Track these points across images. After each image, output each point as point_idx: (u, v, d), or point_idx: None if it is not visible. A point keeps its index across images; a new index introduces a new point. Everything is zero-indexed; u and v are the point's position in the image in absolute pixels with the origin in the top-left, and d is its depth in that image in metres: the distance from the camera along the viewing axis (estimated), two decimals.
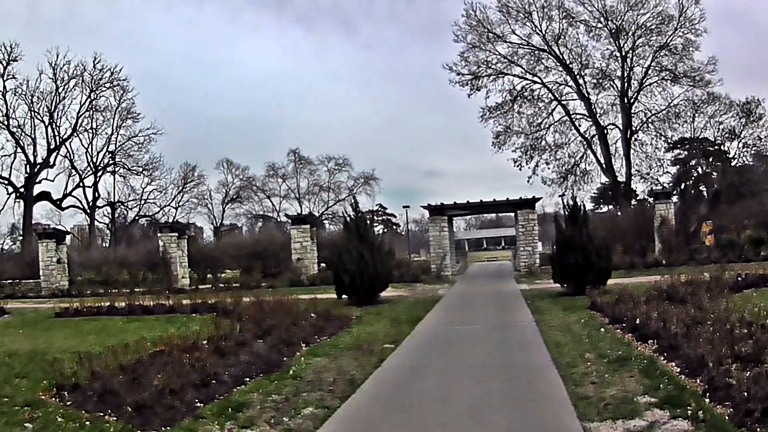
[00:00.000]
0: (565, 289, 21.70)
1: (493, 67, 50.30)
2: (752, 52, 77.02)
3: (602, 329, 13.67)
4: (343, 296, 22.24)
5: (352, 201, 23.80)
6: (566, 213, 21.58)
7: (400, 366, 11.37)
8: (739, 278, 19.31)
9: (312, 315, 16.78)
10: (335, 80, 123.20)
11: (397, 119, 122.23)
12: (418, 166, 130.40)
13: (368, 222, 22.76)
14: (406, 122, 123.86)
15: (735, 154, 51.02)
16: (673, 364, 9.54)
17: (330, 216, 68.91)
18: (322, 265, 36.48)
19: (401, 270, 33.47)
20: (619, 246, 33.71)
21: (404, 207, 62.43)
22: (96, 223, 62.85)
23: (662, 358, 10.15)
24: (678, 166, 55.77)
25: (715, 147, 53.86)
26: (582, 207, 21.80)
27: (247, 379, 10.47)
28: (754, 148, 50.11)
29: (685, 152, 56.55)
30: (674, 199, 34.43)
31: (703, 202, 47.29)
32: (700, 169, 53.89)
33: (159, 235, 39.44)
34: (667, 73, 48.07)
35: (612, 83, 49.50)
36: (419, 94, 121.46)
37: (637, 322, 12.86)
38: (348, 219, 23.00)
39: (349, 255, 21.74)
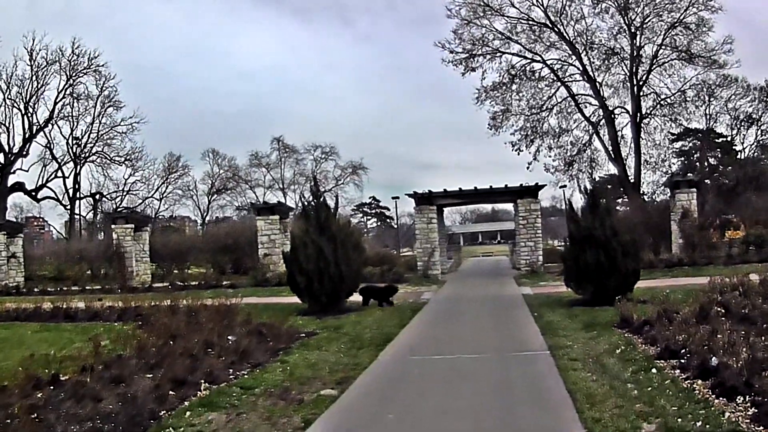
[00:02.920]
0: (581, 296, 17.06)
1: (489, 44, 45.54)
2: None
3: (653, 369, 9.03)
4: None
5: (312, 182, 18.95)
6: (587, 200, 16.89)
7: None
8: None
9: (230, 338, 12.05)
10: (332, 73, 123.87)
11: (393, 112, 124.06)
12: (414, 159, 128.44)
13: (332, 209, 18.01)
14: (402, 115, 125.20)
15: (753, 140, 46.54)
16: None
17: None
18: None
19: (383, 268, 29.02)
20: None
21: (393, 198, 58.68)
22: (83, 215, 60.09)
23: None
24: (683, 158, 52.47)
25: (722, 138, 50.15)
26: (603, 194, 17.19)
27: None
28: None
29: (690, 144, 53.02)
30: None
31: (719, 194, 42.92)
32: (706, 162, 49.66)
33: (113, 227, 35.46)
34: (680, 52, 43.31)
35: (621, 62, 44.74)
36: (416, 86, 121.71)
37: (713, 362, 8.26)
38: (305, 205, 18.34)
39: (304, 251, 17.09)
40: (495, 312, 16.86)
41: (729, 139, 48.70)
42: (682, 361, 9.13)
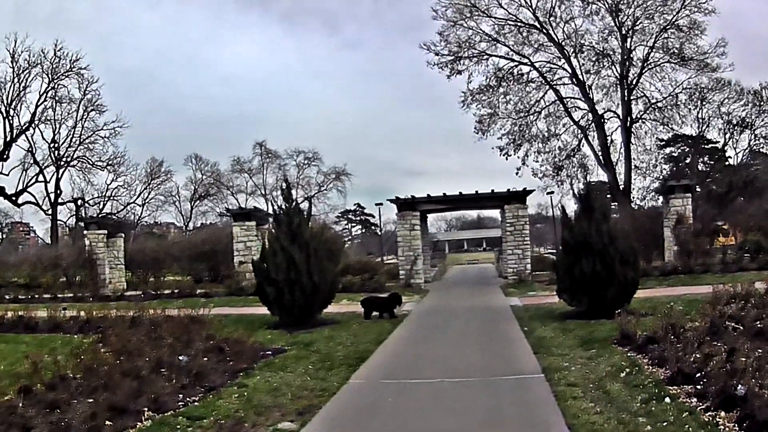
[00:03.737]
0: (575, 308, 15.71)
1: (475, 47, 44.25)
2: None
3: (665, 397, 7.72)
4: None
5: (283, 184, 17.44)
6: (581, 204, 15.56)
7: None
8: None
9: (181, 358, 10.64)
10: (317, 79, 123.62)
11: (378, 118, 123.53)
12: (399, 166, 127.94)
13: (306, 213, 16.60)
14: (387, 121, 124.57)
15: (745, 146, 45.64)
16: None
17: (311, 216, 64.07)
18: None
19: (363, 276, 27.57)
20: None
21: (377, 204, 57.34)
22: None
23: None
24: (671, 164, 51.66)
25: (712, 144, 49.24)
26: (598, 197, 15.89)
27: None
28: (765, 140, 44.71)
29: (679, 150, 52.11)
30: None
31: (709, 200, 41.89)
32: (696, 168, 48.70)
33: (85, 233, 34.32)
34: (672, 55, 42.21)
35: (611, 65, 43.58)
36: (402, 93, 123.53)
37: (740, 391, 6.95)
38: (275, 210, 16.88)
39: (274, 260, 15.65)
40: (481, 326, 15.46)
41: (721, 144, 47.67)
42: (698, 387, 7.87)
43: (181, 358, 10.77)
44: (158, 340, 12.24)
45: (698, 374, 8.17)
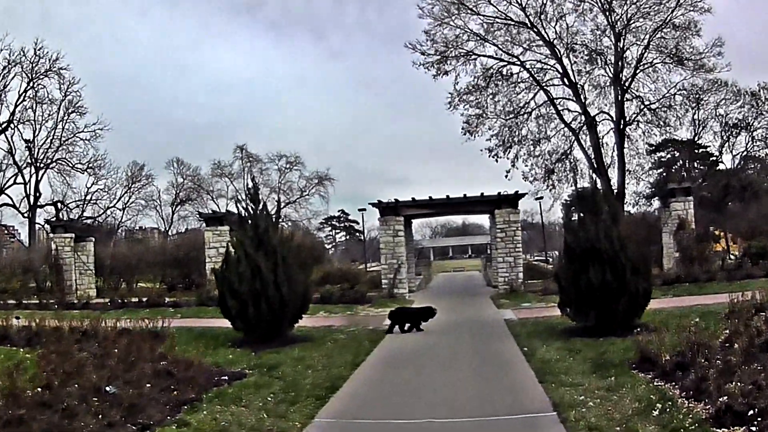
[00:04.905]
0: (578, 322, 13.83)
1: (463, 46, 42.45)
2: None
3: None
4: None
5: (250, 184, 15.39)
6: (587, 206, 13.72)
7: None
8: None
9: (108, 388, 8.72)
10: (303, 87, 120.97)
11: (363, 127, 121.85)
12: (384, 174, 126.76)
13: (275, 218, 14.69)
14: (373, 130, 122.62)
15: (742, 149, 44.32)
16: None
17: (280, 220, 62.41)
18: None
19: (343, 286, 25.66)
20: None
21: (360, 210, 55.68)
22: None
23: None
24: (661, 170, 50.82)
25: (703, 149, 48.01)
26: (607, 198, 14.11)
27: None
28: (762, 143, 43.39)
29: (669, 155, 50.84)
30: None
31: (701, 205, 40.43)
32: (687, 172, 47.36)
33: (51, 236, 32.73)
34: (667, 55, 40.64)
35: (604, 65, 41.88)
36: (387, 102, 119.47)
37: None
38: (240, 213, 14.89)
39: (237, 268, 13.69)
40: (474, 344, 13.54)
41: (716, 147, 46.44)
42: (753, 428, 6.14)
43: (108, 388, 8.85)
44: (106, 358, 10.38)
45: (750, 411, 6.41)
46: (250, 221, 14.43)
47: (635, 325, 13.06)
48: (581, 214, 13.77)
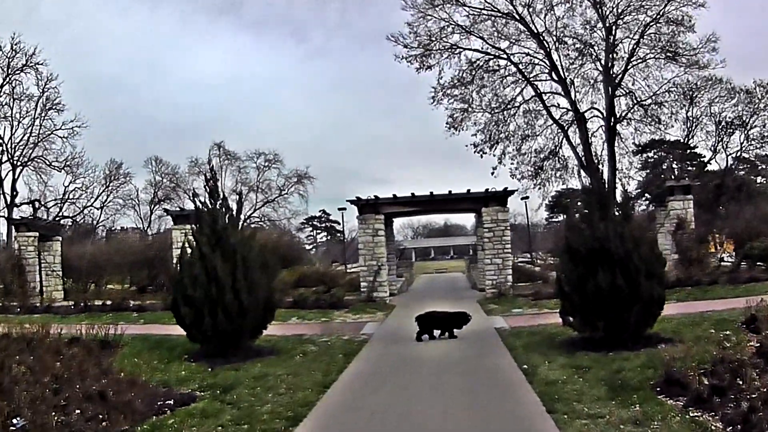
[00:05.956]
0: (584, 333, 12.06)
1: (447, 39, 40.72)
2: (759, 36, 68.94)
3: None
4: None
5: (208, 174, 13.44)
6: (594, 201, 12.06)
7: None
8: None
9: (15, 421, 6.97)
10: (284, 87, 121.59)
11: (345, 127, 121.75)
12: (366, 174, 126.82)
13: (235, 212, 12.84)
14: (354, 130, 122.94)
15: (737, 147, 43.09)
16: None
17: (258, 219, 61.14)
18: None
19: (318, 289, 23.86)
20: None
21: (340, 209, 54.18)
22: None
23: None
24: (647, 171, 50.03)
25: (691, 150, 46.80)
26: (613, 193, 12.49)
27: None
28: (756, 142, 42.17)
29: (656, 156, 49.57)
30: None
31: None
32: (683, 172, 46.10)
33: (15, 235, 31.27)
34: (660, 50, 39.15)
35: (594, 60, 40.31)
36: (369, 102, 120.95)
37: None
38: (197, 209, 12.98)
39: (190, 272, 11.83)
40: (464, 359, 11.71)
41: (710, 145, 44.94)
42: None
43: (15, 420, 7.09)
44: (42, 374, 8.95)
45: None
46: (207, 217, 12.56)
47: (647, 335, 11.44)
48: (586, 210, 12.05)
